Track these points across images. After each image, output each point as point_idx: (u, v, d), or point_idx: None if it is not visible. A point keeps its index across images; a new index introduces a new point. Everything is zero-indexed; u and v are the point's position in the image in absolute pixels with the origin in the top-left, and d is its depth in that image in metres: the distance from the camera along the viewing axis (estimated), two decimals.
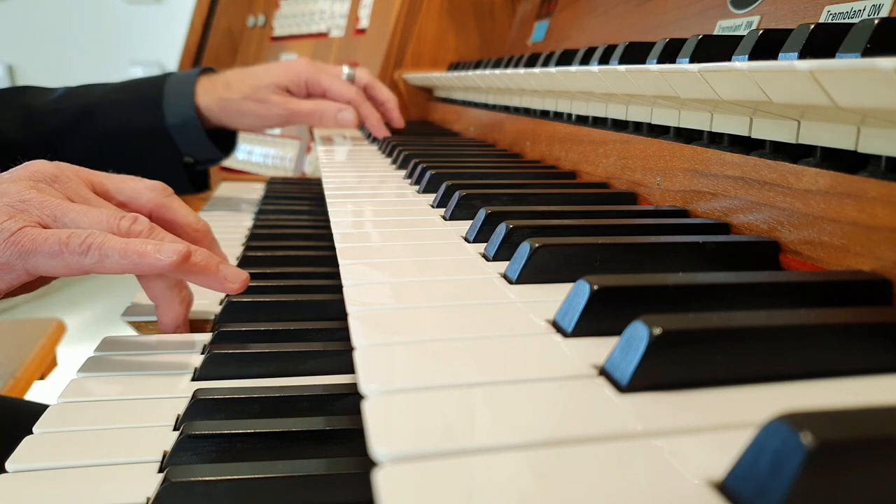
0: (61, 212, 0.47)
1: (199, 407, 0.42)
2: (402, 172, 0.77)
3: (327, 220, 0.56)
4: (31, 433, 0.40)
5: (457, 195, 0.54)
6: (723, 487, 0.19)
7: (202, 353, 0.51)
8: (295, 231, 0.85)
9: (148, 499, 0.35)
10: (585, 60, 0.65)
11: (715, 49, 0.45)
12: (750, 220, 0.43)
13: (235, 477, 0.35)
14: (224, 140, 0.97)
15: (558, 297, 0.32)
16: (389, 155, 0.91)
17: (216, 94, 0.91)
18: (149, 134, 0.90)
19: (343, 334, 0.51)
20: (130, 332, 0.59)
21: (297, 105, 0.94)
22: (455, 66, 1.28)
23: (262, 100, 0.92)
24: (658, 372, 0.25)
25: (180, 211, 0.57)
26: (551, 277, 0.37)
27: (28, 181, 0.49)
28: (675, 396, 0.24)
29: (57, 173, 0.51)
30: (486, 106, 1.04)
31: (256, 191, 1.19)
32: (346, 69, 1.02)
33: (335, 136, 1.14)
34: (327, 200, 0.61)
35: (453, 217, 0.53)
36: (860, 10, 0.45)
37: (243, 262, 0.72)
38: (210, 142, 0.92)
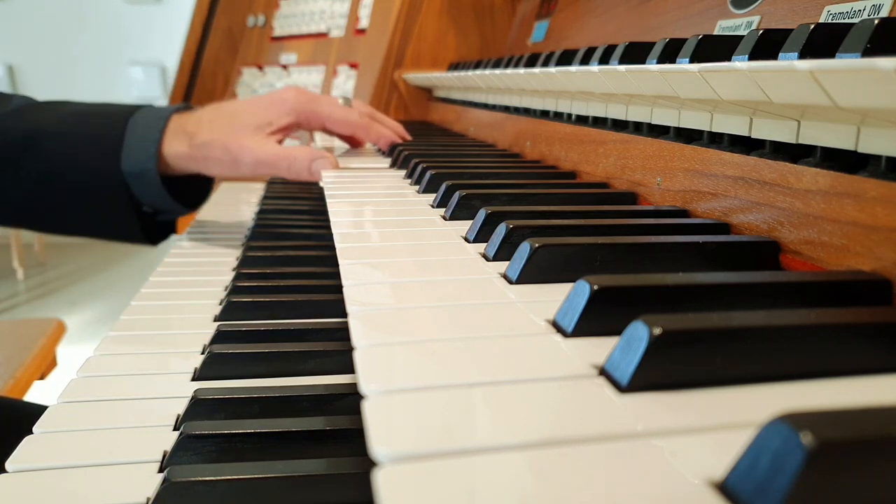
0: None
1: (199, 407, 0.42)
2: (402, 172, 0.77)
3: (327, 220, 0.56)
4: (31, 433, 0.40)
5: (457, 195, 0.54)
6: (723, 487, 0.19)
7: (202, 353, 0.51)
8: (295, 231, 0.85)
9: (148, 499, 0.35)
10: (585, 60, 0.65)
11: (715, 49, 0.45)
12: (750, 220, 0.43)
13: (235, 477, 0.35)
14: (196, 189, 0.82)
15: (558, 297, 0.32)
16: (389, 155, 0.91)
17: (186, 139, 0.75)
18: (101, 177, 0.74)
19: (343, 334, 0.51)
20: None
21: (263, 153, 0.75)
22: (455, 66, 1.28)
23: (232, 146, 0.74)
24: (658, 372, 0.25)
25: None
26: (551, 277, 0.37)
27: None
28: (675, 396, 0.24)
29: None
30: (486, 106, 1.04)
31: (256, 191, 1.19)
32: (340, 99, 0.89)
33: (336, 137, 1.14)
34: (327, 200, 0.61)
35: (453, 217, 0.53)
36: (860, 10, 0.45)
37: (243, 262, 0.73)
38: (169, 196, 0.76)
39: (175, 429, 0.42)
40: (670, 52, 0.50)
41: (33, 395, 1.12)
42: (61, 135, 0.74)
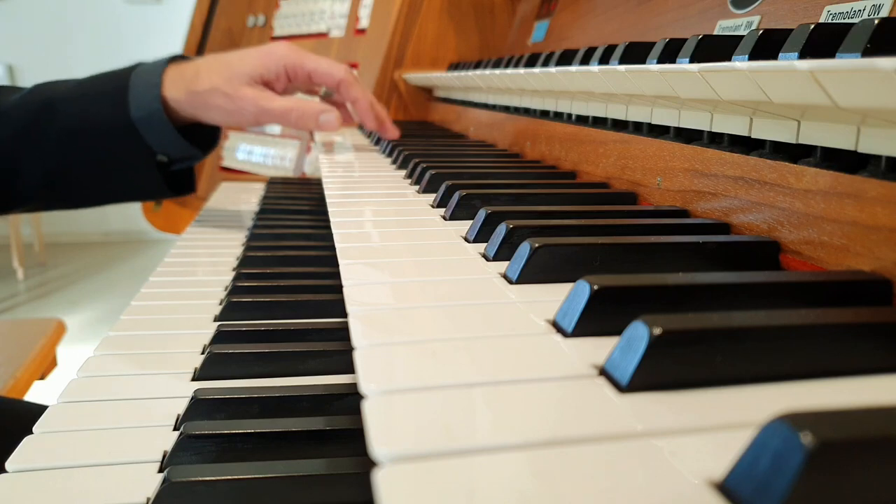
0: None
1: (199, 407, 0.42)
2: (402, 172, 0.77)
3: (327, 220, 0.56)
4: (31, 433, 0.40)
5: (457, 195, 0.54)
6: (723, 487, 0.19)
7: (202, 353, 0.51)
8: (295, 231, 0.85)
9: (148, 499, 0.35)
10: (585, 60, 0.65)
11: (715, 49, 0.45)
12: (750, 220, 0.43)
13: (235, 477, 0.35)
14: (205, 136, 0.87)
15: (558, 297, 0.32)
16: (389, 155, 0.91)
17: (184, 85, 0.80)
18: (114, 129, 0.80)
19: (343, 334, 0.51)
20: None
21: (269, 102, 0.81)
22: (455, 66, 1.28)
23: (232, 94, 0.80)
24: (658, 372, 0.25)
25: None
26: (551, 277, 0.37)
27: None
28: (675, 396, 0.24)
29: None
30: (486, 106, 1.04)
31: (256, 191, 1.19)
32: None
33: (335, 136, 1.14)
34: (327, 200, 0.61)
35: (453, 217, 0.53)
36: (860, 10, 0.45)
37: (243, 262, 0.73)
38: (181, 137, 0.81)
39: (175, 429, 0.42)
40: (670, 52, 0.50)
41: (33, 395, 1.12)
42: (72, 98, 0.80)
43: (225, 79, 0.80)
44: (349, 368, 0.48)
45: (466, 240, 0.47)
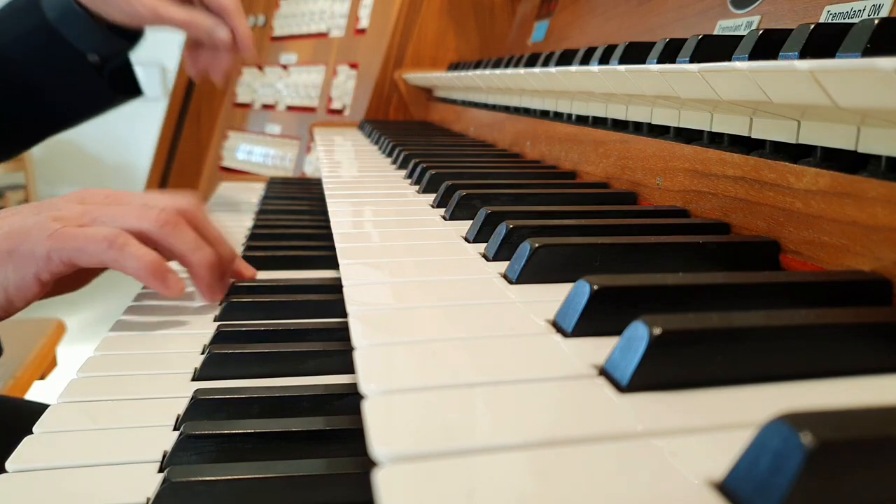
0: (98, 213, 0.54)
1: (199, 407, 0.42)
2: (402, 172, 0.77)
3: (327, 220, 0.56)
4: (31, 433, 0.40)
5: (457, 195, 0.54)
6: (723, 487, 0.19)
7: (202, 353, 0.51)
8: (295, 231, 0.85)
9: (148, 499, 0.35)
10: (585, 60, 0.65)
11: (715, 49, 0.45)
12: (750, 220, 0.43)
13: (235, 477, 0.35)
14: (128, 34, 0.92)
15: (558, 297, 0.32)
16: (389, 155, 0.91)
17: None
18: (36, 36, 0.85)
19: (343, 334, 0.51)
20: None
21: (166, 10, 0.87)
22: (455, 66, 1.28)
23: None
24: (658, 372, 0.25)
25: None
26: (551, 277, 0.37)
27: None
28: (675, 396, 0.24)
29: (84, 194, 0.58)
30: (486, 106, 1.04)
31: (256, 191, 1.19)
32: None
33: (335, 136, 1.14)
34: (327, 200, 0.61)
35: (453, 217, 0.53)
36: (860, 10, 0.45)
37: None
38: (99, 27, 0.85)
39: (175, 429, 0.42)
40: (670, 52, 0.50)
41: (33, 395, 1.12)
42: None
43: None
44: (349, 368, 0.48)
45: (466, 240, 0.47)
